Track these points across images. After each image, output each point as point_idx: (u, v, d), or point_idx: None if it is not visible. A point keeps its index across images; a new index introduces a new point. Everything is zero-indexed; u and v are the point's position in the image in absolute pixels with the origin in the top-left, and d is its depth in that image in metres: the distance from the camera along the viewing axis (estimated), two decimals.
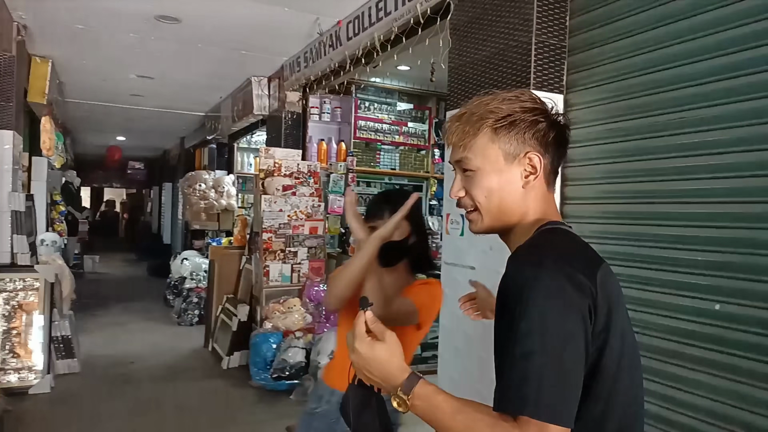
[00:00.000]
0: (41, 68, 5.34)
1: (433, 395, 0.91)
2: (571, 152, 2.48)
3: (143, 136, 11.31)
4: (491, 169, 1.02)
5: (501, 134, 1.01)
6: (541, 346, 0.85)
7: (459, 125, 1.04)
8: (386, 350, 0.95)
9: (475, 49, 2.76)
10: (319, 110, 5.70)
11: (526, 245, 1.00)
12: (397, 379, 0.93)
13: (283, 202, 5.24)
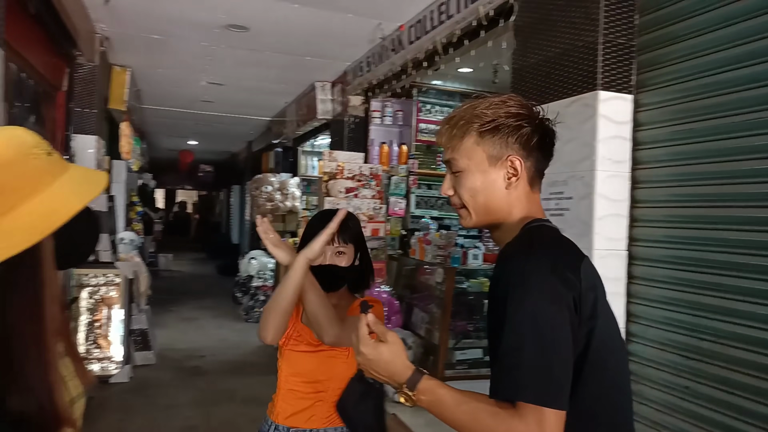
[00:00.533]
0: (121, 77, 5.68)
1: (436, 389, 0.97)
2: (641, 154, 2.41)
3: (213, 140, 11.78)
4: (476, 170, 1.09)
5: (486, 138, 1.08)
6: (531, 336, 0.92)
7: (448, 128, 1.12)
8: (389, 350, 1.01)
9: (539, 49, 2.72)
10: (380, 113, 5.75)
11: (515, 241, 1.06)
12: (402, 376, 0.99)
13: (345, 204, 5.32)
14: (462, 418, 0.94)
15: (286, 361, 1.69)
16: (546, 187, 2.63)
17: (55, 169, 0.83)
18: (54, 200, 0.81)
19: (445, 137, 1.12)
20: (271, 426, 1.69)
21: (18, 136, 0.81)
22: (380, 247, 5.45)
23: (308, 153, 9.28)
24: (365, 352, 1.01)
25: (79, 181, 0.85)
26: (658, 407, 2.22)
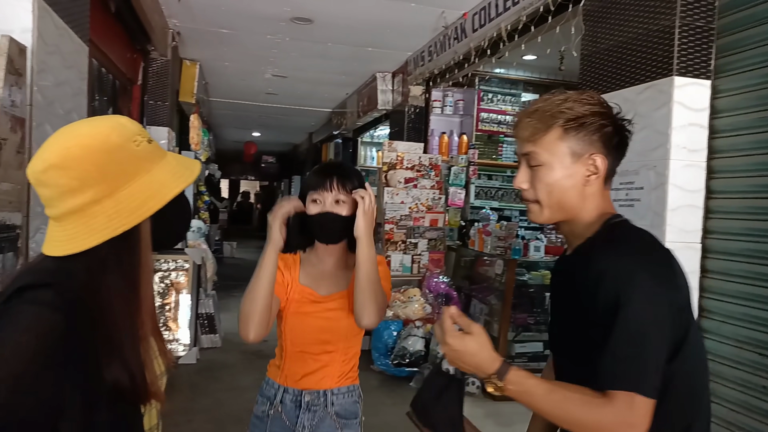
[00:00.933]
0: (190, 70, 5.91)
1: (524, 380, 0.99)
2: (719, 143, 2.30)
3: (276, 132, 12.07)
4: (557, 166, 1.08)
5: (570, 134, 1.07)
6: (636, 334, 0.95)
7: (530, 121, 1.09)
8: (476, 342, 1.03)
9: (610, 34, 2.63)
10: (441, 103, 5.73)
11: (612, 239, 1.06)
12: (490, 368, 1.01)
13: (404, 195, 5.35)
14: (552, 407, 0.98)
15: (289, 324, 1.62)
16: (616, 177, 2.56)
17: (155, 155, 0.89)
18: (154, 184, 0.86)
19: (527, 130, 1.10)
20: (279, 389, 1.63)
21: (122, 125, 0.87)
22: (439, 238, 5.46)
23: (367, 144, 9.36)
24: (452, 344, 1.03)
25: (175, 167, 0.90)
26: (733, 407, 2.13)
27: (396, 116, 6.11)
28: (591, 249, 1.07)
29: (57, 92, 2.04)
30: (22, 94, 1.72)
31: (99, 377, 0.83)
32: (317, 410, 1.61)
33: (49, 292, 0.79)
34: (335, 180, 1.55)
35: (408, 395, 4.51)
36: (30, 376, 0.74)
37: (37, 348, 0.76)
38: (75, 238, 0.84)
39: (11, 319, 0.77)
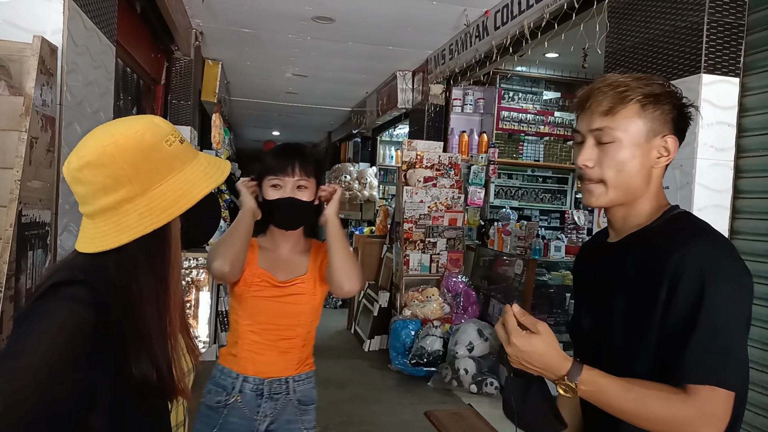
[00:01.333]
0: (213, 70, 5.97)
1: (598, 379, 0.95)
2: (747, 141, 2.26)
3: (295, 131, 12.14)
4: (630, 144, 1.02)
5: (647, 110, 1.01)
6: (722, 325, 0.92)
7: (607, 94, 1.02)
8: (543, 342, 0.97)
9: (636, 31, 2.60)
10: (461, 102, 5.71)
11: (688, 228, 1.02)
12: (561, 369, 0.96)
13: (423, 194, 5.34)
14: (629, 405, 0.94)
15: (248, 310, 1.58)
16: None
17: (187, 155, 0.90)
18: (185, 184, 0.88)
19: (602, 103, 1.01)
20: (237, 378, 1.58)
21: (157, 125, 0.89)
22: (458, 237, 5.44)
23: (386, 143, 9.37)
24: (519, 344, 0.97)
25: (206, 167, 0.91)
26: (759, 411, 2.09)
27: (416, 115, 6.10)
28: (658, 238, 1.01)
29: (86, 92, 2.08)
30: (52, 93, 1.76)
31: (128, 372, 0.85)
32: (279, 398, 1.59)
33: (82, 289, 0.81)
34: (297, 165, 1.52)
35: (425, 395, 4.55)
36: (63, 369, 0.76)
37: (70, 342, 0.77)
38: (107, 235, 0.85)
39: (46, 315, 0.79)
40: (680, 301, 0.94)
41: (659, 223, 1.04)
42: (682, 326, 0.94)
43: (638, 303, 1.00)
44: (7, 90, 1.59)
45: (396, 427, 3.74)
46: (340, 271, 1.53)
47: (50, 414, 0.75)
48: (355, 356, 5.36)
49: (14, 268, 1.49)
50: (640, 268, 1.01)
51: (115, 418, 0.83)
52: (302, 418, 1.64)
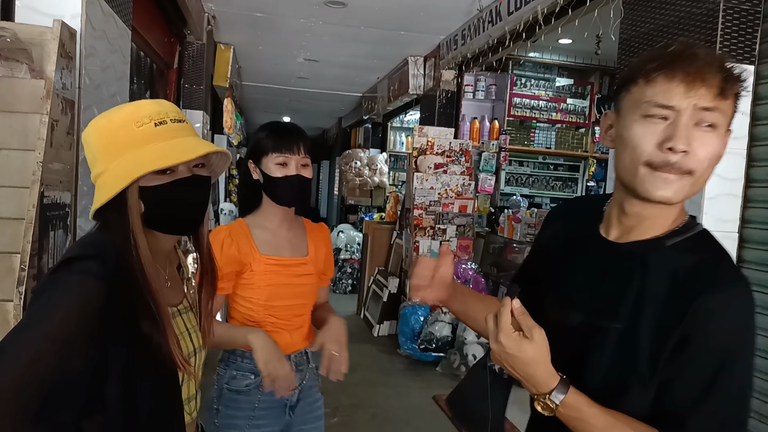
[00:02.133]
0: (225, 54, 5.97)
1: (583, 407, 0.87)
2: (761, 130, 2.25)
3: (306, 116, 12.13)
4: (722, 133, 0.86)
5: (737, 100, 0.88)
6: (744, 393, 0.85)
7: (726, 69, 0.85)
8: (534, 350, 0.87)
9: (650, 18, 2.58)
10: (473, 88, 5.69)
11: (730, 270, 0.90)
12: (545, 385, 0.87)
13: (434, 180, 5.35)
14: None
15: (264, 299, 1.59)
16: None
17: (156, 137, 0.93)
18: (129, 164, 0.91)
19: (716, 79, 0.84)
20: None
21: (140, 106, 0.94)
22: (468, 224, 5.45)
23: (397, 129, 9.36)
24: (505, 345, 0.87)
25: (167, 151, 0.92)
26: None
27: (427, 101, 6.09)
28: (681, 266, 0.88)
29: (103, 76, 2.11)
30: (72, 77, 1.79)
31: (139, 343, 0.89)
32: (303, 368, 1.68)
33: (93, 263, 0.85)
34: (301, 144, 1.55)
35: (434, 380, 4.59)
36: (78, 340, 0.80)
37: (83, 314, 0.81)
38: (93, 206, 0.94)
39: (60, 288, 0.83)
40: (702, 351, 0.83)
41: (680, 240, 0.90)
42: (698, 379, 0.83)
43: (640, 331, 0.88)
44: (29, 73, 1.62)
45: (404, 410, 3.79)
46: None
47: (67, 383, 0.77)
48: (364, 341, 5.42)
49: (37, 248, 1.53)
50: (652, 292, 0.88)
51: (126, 389, 0.86)
52: (318, 380, 1.76)
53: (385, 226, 6.43)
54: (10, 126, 1.62)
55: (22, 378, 0.73)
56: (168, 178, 0.94)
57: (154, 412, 0.92)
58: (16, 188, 1.59)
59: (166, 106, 0.96)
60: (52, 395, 0.75)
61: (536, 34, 3.67)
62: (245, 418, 1.59)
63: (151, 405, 0.92)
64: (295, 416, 1.68)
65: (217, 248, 1.48)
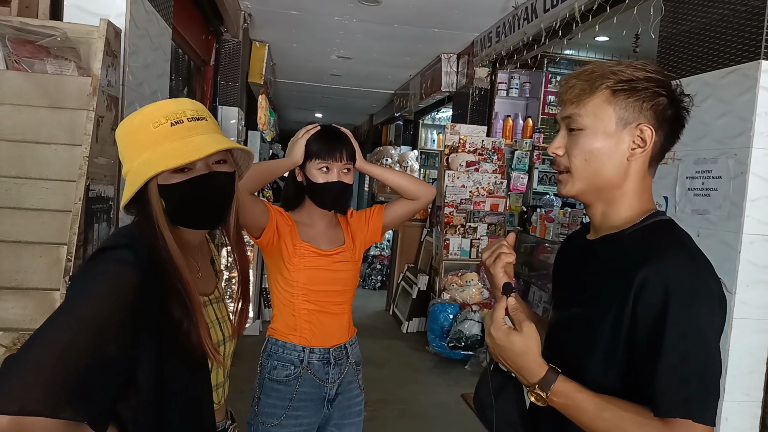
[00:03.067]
0: (260, 52, 6.05)
1: (573, 393, 0.90)
2: None
3: (338, 113, 12.20)
4: (599, 132, 0.97)
5: (619, 97, 0.96)
6: (700, 352, 0.86)
7: (576, 81, 0.99)
8: (522, 342, 0.93)
9: (692, 15, 2.52)
10: (507, 86, 5.63)
11: (664, 240, 0.94)
12: (534, 375, 0.92)
13: (465, 178, 5.33)
14: (602, 426, 0.88)
15: (301, 282, 1.66)
16: (691, 165, 2.48)
17: (172, 136, 0.96)
18: (143, 164, 0.95)
19: (571, 91, 0.99)
20: (304, 351, 1.66)
21: (158, 107, 0.98)
22: (499, 223, 5.41)
23: (428, 126, 9.33)
24: (495, 337, 0.95)
25: (179, 150, 0.96)
26: None
27: (459, 98, 6.06)
28: (630, 245, 0.95)
29: (145, 73, 2.17)
30: (116, 74, 1.85)
31: (170, 329, 0.92)
32: (342, 363, 1.73)
33: (126, 252, 0.89)
34: (344, 150, 1.64)
35: (462, 378, 4.58)
36: (113, 325, 0.83)
37: (117, 300, 0.84)
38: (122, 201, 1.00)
39: (96, 276, 0.87)
40: (647, 321, 0.88)
41: (636, 228, 0.97)
42: (649, 350, 0.87)
43: (601, 313, 0.94)
44: (77, 71, 1.68)
45: (433, 407, 3.80)
46: (408, 190, 1.79)
47: (101, 366, 0.80)
48: (393, 337, 5.45)
49: (82, 239, 1.59)
50: (607, 276, 0.95)
51: (157, 374, 0.89)
52: (357, 377, 1.80)
53: (415, 224, 6.44)
54: (59, 122, 1.68)
55: (58, 358, 0.76)
56: (184, 176, 0.97)
57: (184, 397, 0.96)
58: (63, 181, 1.66)
59: (184, 105, 1.00)
60: (87, 376, 0.78)
61: (573, 31, 3.62)
62: (283, 408, 1.64)
63: (182, 391, 0.95)
64: (333, 409, 1.73)
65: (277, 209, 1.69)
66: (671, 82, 0.98)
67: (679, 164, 2.54)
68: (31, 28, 1.62)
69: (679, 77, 2.57)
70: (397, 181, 1.81)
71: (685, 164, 2.51)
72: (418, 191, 1.81)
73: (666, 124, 0.98)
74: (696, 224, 2.39)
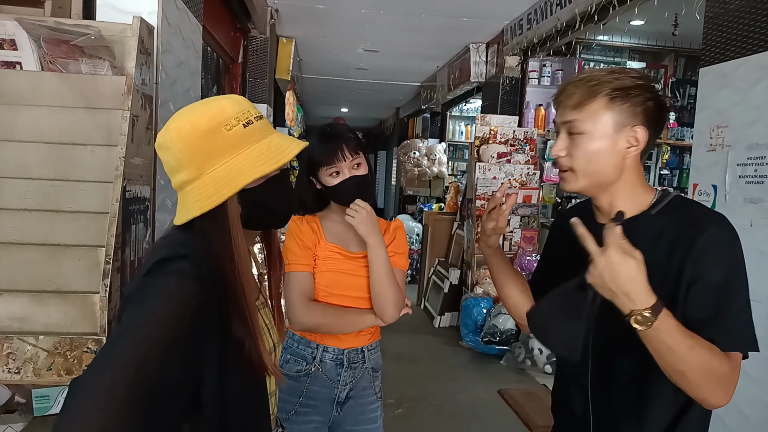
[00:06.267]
0: (287, 48, 6.04)
1: (676, 327, 0.97)
2: None
3: (364, 107, 12.16)
4: (598, 135, 1.09)
5: (615, 103, 1.08)
6: (745, 294, 1.04)
7: (576, 89, 1.10)
8: (637, 266, 0.95)
9: None
10: (538, 74, 5.50)
11: (700, 209, 1.12)
12: (644, 300, 0.96)
13: (497, 170, 5.23)
14: (693, 360, 0.98)
15: (323, 283, 1.62)
16: (743, 151, 2.35)
17: (250, 138, 0.91)
18: (232, 171, 0.89)
19: (572, 97, 1.10)
20: (318, 348, 1.65)
21: (222, 108, 0.91)
22: (532, 215, 5.30)
23: (456, 118, 9.22)
24: (613, 258, 0.95)
25: (265, 153, 0.91)
26: None
27: (489, 88, 5.95)
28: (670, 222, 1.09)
29: (178, 71, 2.15)
30: (150, 73, 1.82)
31: (231, 345, 0.88)
32: (357, 366, 1.68)
33: (186, 263, 0.84)
34: (345, 148, 1.57)
35: (498, 373, 4.51)
36: (180, 342, 0.78)
37: (182, 316, 0.80)
38: (179, 212, 0.92)
39: (156, 290, 0.82)
40: (708, 279, 1.02)
41: (661, 207, 1.12)
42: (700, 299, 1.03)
43: (661, 282, 1.02)
44: (111, 70, 1.67)
45: (470, 404, 3.74)
46: (377, 302, 1.61)
47: (171, 384, 0.77)
48: (425, 332, 5.39)
49: (120, 241, 1.58)
50: (655, 251, 1.05)
51: (219, 390, 0.86)
52: (374, 384, 1.75)
53: (445, 217, 6.36)
54: (95, 122, 1.67)
55: (129, 382, 0.73)
56: (263, 178, 0.93)
57: (244, 411, 0.93)
58: (100, 183, 1.64)
59: (244, 104, 0.94)
60: (158, 398, 0.75)
61: (609, 15, 3.49)
62: (293, 404, 1.63)
63: (243, 404, 0.92)
64: (344, 414, 1.68)
65: (296, 231, 1.63)
66: (654, 86, 1.12)
67: (729, 151, 2.42)
68: (65, 28, 1.61)
69: (727, 59, 2.44)
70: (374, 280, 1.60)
71: (736, 151, 2.38)
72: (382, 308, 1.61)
73: (653, 123, 1.11)
74: (749, 214, 2.28)
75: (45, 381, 1.47)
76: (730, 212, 2.34)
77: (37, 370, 1.45)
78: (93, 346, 1.46)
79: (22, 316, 1.47)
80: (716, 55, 2.52)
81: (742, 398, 2.21)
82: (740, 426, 2.24)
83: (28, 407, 1.59)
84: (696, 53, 5.07)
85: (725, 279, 1.02)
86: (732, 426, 2.26)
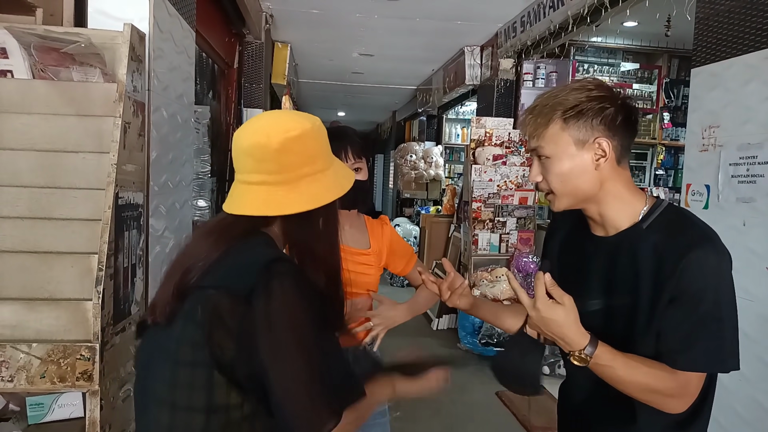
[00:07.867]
0: (282, 53, 6.05)
1: (613, 356, 1.05)
2: None
3: (360, 111, 12.18)
4: (563, 156, 1.11)
5: (570, 123, 1.10)
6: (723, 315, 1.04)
7: (531, 117, 1.14)
8: (566, 314, 1.03)
9: None
10: (532, 76, 5.51)
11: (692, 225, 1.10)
12: (577, 342, 1.04)
13: (493, 172, 5.23)
14: (637, 382, 1.04)
15: None
16: (735, 151, 2.36)
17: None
18: (341, 167, 1.08)
19: (529, 127, 1.14)
20: None
21: (311, 116, 1.04)
22: (528, 216, 5.31)
23: (452, 121, 9.24)
24: (542, 310, 1.04)
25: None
26: None
27: (484, 91, 5.96)
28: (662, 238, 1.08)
29: (170, 77, 2.15)
30: (142, 79, 1.83)
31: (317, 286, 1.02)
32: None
33: (286, 263, 0.94)
34: (349, 149, 1.58)
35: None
36: (317, 331, 0.92)
37: (308, 308, 0.91)
38: (296, 201, 0.97)
39: (287, 294, 0.90)
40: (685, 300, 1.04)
41: (652, 221, 1.12)
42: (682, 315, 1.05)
43: (646, 298, 1.08)
44: (102, 77, 1.67)
45: (468, 406, 3.74)
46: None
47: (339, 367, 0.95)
48: (423, 335, 5.39)
49: (113, 248, 1.58)
50: (645, 267, 1.08)
51: None
52: None
53: (442, 220, 6.37)
54: (86, 129, 1.67)
55: (319, 382, 0.88)
56: None
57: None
58: (92, 190, 1.64)
59: None
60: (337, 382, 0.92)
61: (602, 17, 3.50)
62: None
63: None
64: None
65: None
66: (614, 92, 1.12)
67: (720, 151, 2.43)
68: (55, 36, 1.61)
69: (718, 60, 2.46)
70: None
71: (728, 150, 2.39)
72: None
73: (619, 129, 1.11)
74: (741, 213, 2.28)
75: (39, 389, 1.47)
76: (723, 212, 2.35)
77: (30, 377, 1.45)
78: (86, 353, 1.46)
79: (15, 324, 1.47)
80: (707, 56, 2.53)
81: (736, 398, 2.21)
82: (733, 425, 2.25)
83: (23, 415, 1.59)
84: (689, 54, 5.10)
85: (703, 301, 1.03)
86: (726, 425, 2.27)
